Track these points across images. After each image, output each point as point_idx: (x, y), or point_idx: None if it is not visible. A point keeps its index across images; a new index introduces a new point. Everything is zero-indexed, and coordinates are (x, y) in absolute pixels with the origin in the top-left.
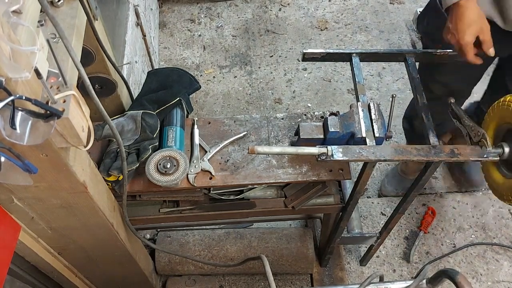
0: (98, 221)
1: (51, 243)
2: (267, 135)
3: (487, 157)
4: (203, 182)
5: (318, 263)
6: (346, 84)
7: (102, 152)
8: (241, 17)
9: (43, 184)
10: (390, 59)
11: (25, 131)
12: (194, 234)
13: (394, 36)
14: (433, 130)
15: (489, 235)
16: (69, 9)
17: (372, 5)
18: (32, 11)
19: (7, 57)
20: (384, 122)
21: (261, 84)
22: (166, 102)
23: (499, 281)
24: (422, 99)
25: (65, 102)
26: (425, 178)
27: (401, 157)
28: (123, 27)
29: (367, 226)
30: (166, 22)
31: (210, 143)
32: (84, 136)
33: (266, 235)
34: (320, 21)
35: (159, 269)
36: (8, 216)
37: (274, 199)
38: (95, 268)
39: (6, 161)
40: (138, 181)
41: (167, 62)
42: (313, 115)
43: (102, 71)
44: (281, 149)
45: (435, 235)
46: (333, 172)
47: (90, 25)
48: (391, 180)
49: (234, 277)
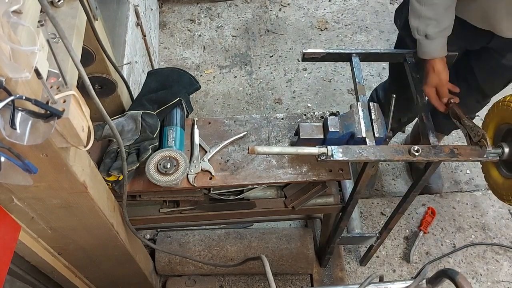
0: (98, 221)
1: (51, 243)
2: (267, 135)
3: (487, 157)
4: (203, 182)
5: (318, 263)
6: (346, 84)
7: (102, 152)
8: (241, 17)
9: (43, 184)
10: (390, 59)
11: (25, 131)
12: (194, 234)
13: (394, 36)
14: (433, 131)
15: (489, 235)
16: (69, 9)
17: (372, 5)
18: (32, 11)
19: (7, 57)
20: (384, 122)
21: (261, 84)
22: (166, 102)
23: (499, 281)
24: (422, 99)
25: (65, 102)
26: (425, 178)
27: (401, 157)
28: (123, 27)
29: (367, 226)
30: (166, 22)
31: (210, 143)
32: (84, 136)
33: (266, 235)
34: (320, 21)
35: (159, 269)
36: (8, 216)
37: (274, 199)
38: (95, 268)
39: (6, 161)
40: (138, 181)
41: (167, 62)
42: (313, 115)
43: (102, 71)
44: (281, 149)
45: (435, 235)
46: (333, 172)
47: (90, 25)
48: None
49: (234, 277)
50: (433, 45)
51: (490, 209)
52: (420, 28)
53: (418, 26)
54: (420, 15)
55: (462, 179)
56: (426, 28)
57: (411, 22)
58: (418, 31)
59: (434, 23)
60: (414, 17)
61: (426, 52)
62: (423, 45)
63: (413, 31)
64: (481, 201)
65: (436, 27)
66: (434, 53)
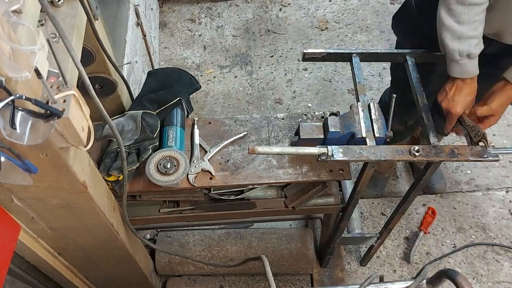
0: (98, 221)
1: (51, 243)
2: (267, 135)
3: (487, 157)
4: (203, 182)
5: (318, 264)
6: (346, 84)
7: (102, 152)
8: (241, 17)
9: (43, 184)
10: (391, 59)
11: (25, 131)
12: (194, 234)
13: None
14: (433, 131)
15: (490, 236)
16: (69, 9)
17: (372, 5)
18: (32, 10)
19: (7, 56)
20: (384, 122)
21: (261, 84)
22: (166, 102)
23: (500, 282)
24: (423, 99)
25: (65, 102)
26: (425, 178)
27: (401, 157)
28: (123, 27)
29: (367, 226)
30: (167, 22)
31: (210, 143)
32: (84, 136)
33: (266, 235)
34: (321, 21)
35: (159, 269)
36: (8, 216)
37: (275, 199)
38: (95, 268)
39: (6, 161)
40: (138, 181)
41: (167, 62)
42: (313, 115)
43: (102, 71)
44: (281, 149)
45: (435, 235)
46: (334, 172)
47: (90, 25)
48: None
49: (234, 277)
50: (474, 63)
51: (490, 209)
52: (462, 49)
53: (460, 48)
54: (462, 36)
55: (463, 179)
56: (470, 48)
57: (449, 45)
58: (460, 53)
59: (476, 41)
60: (453, 39)
61: (468, 71)
62: (463, 65)
63: (453, 53)
64: (481, 201)
65: (478, 45)
66: (475, 70)
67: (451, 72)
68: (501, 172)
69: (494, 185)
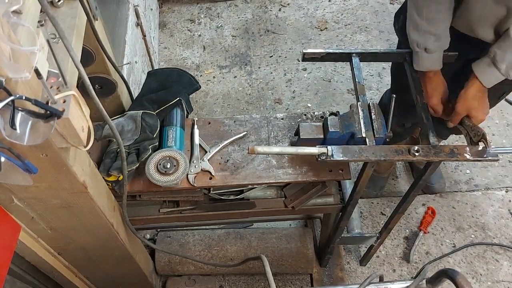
0: (98, 221)
1: (51, 243)
2: (267, 135)
3: (486, 157)
4: (203, 182)
5: (318, 263)
6: (346, 84)
7: (102, 152)
8: (241, 17)
9: (43, 184)
10: (390, 59)
11: (25, 131)
12: (194, 234)
13: (394, 36)
14: (433, 130)
15: (489, 235)
16: (69, 9)
17: (372, 5)
18: (32, 11)
19: (7, 57)
20: (384, 122)
21: (261, 84)
22: (166, 102)
23: (499, 281)
24: (422, 99)
25: (65, 102)
26: (425, 178)
27: (401, 157)
28: (123, 27)
29: (367, 226)
30: (166, 22)
31: (210, 143)
32: (84, 136)
33: (266, 235)
34: (320, 21)
35: (159, 269)
36: (8, 216)
37: (274, 199)
38: (95, 268)
39: (6, 161)
40: (138, 181)
41: (167, 62)
42: (313, 115)
43: (102, 71)
44: (281, 149)
45: (435, 235)
46: (333, 172)
47: (90, 25)
48: (367, 181)
49: (234, 277)
50: (432, 58)
51: (490, 208)
52: (420, 42)
53: (418, 39)
54: (420, 28)
55: (462, 179)
56: (426, 42)
57: (410, 34)
58: (418, 44)
59: (434, 38)
60: (413, 29)
61: (424, 65)
62: (421, 58)
63: (412, 43)
64: (481, 201)
65: (436, 41)
66: (432, 65)
67: (414, 64)
68: (500, 172)
69: (493, 184)
